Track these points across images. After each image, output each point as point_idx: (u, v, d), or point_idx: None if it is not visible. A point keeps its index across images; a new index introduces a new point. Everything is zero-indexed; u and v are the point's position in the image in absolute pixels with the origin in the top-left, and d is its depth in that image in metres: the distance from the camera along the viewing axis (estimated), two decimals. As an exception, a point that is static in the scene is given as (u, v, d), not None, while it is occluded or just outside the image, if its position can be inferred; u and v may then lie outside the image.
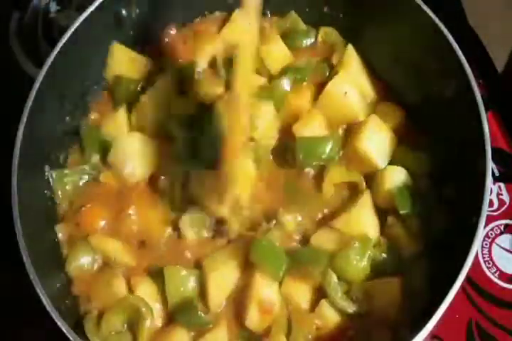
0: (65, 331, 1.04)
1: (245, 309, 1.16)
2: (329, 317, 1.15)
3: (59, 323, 1.04)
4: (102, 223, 1.27)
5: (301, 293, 1.19)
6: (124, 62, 1.40)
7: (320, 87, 1.36)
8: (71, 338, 1.03)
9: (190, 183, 1.25)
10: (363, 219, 1.22)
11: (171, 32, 1.45)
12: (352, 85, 1.31)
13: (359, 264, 1.16)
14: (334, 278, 1.15)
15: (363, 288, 1.16)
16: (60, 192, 1.29)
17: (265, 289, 1.16)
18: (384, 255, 1.19)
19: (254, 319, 1.15)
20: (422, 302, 1.14)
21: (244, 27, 1.09)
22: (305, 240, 1.23)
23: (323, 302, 1.16)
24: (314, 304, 1.18)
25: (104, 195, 1.30)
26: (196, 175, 1.25)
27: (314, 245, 1.21)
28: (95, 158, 1.33)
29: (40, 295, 1.06)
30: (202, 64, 1.38)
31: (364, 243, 1.17)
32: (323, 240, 1.21)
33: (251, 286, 1.17)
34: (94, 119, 1.38)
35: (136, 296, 1.18)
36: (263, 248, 1.17)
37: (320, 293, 1.18)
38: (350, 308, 1.15)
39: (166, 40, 1.44)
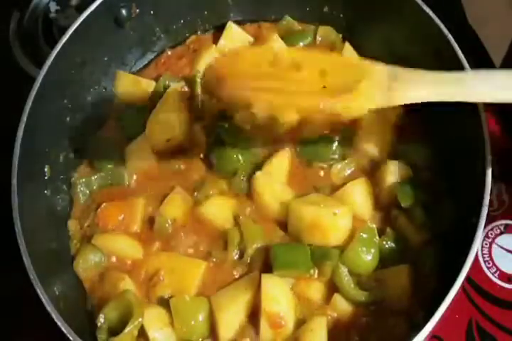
0: (65, 331, 1.04)
1: (257, 327, 1.15)
2: (344, 309, 1.16)
3: (59, 323, 1.04)
4: (119, 220, 1.29)
5: (314, 292, 1.19)
6: (129, 86, 1.41)
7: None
8: (71, 338, 1.03)
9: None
10: (355, 195, 1.24)
11: (168, 53, 1.48)
12: None
13: (368, 256, 1.17)
14: (345, 271, 1.16)
15: (373, 276, 1.17)
16: (80, 195, 1.33)
17: (272, 304, 1.14)
18: (392, 244, 1.20)
19: (267, 335, 1.14)
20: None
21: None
22: None
23: (337, 296, 1.16)
24: (328, 298, 1.18)
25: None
26: None
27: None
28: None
29: (40, 295, 1.06)
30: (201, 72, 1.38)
31: (369, 233, 1.18)
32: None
33: (259, 304, 1.15)
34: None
35: (131, 292, 1.17)
36: (286, 251, 1.18)
37: (332, 287, 1.18)
38: (364, 297, 1.15)
39: (162, 60, 1.48)
